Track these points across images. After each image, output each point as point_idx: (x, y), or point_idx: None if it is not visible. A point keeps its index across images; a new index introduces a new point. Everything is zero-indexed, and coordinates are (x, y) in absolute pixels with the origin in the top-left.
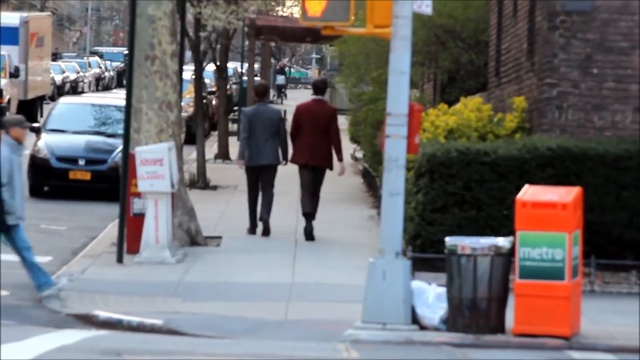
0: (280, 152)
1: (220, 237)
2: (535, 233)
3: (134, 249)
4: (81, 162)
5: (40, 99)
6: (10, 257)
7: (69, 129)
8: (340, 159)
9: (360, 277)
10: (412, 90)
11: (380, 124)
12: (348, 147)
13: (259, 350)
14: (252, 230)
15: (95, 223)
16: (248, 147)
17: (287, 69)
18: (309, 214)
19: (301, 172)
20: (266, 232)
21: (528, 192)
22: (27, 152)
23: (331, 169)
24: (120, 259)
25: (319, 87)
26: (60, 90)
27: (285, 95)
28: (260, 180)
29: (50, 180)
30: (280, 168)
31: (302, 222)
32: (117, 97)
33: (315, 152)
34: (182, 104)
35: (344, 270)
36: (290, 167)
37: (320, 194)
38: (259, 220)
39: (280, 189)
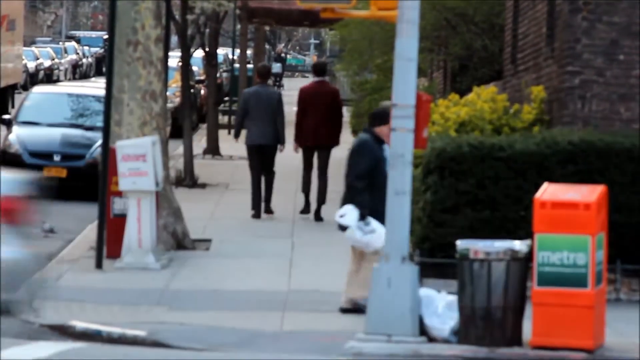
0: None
1: (209, 240)
2: (556, 236)
3: (115, 253)
4: (56, 158)
5: (12, 88)
6: None
7: (43, 121)
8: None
9: None
10: (420, 78)
11: None
12: (349, 141)
13: None
14: (256, 214)
15: (71, 225)
16: (247, 128)
17: (283, 55)
18: (309, 194)
19: (305, 154)
20: (268, 211)
21: (547, 191)
22: None
23: (337, 144)
24: (99, 264)
25: (320, 69)
26: (33, 79)
27: (282, 85)
28: (261, 163)
29: None
30: (280, 161)
31: (300, 224)
32: (96, 86)
33: (320, 132)
34: (168, 94)
35: (345, 276)
36: (289, 162)
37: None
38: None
39: (276, 187)
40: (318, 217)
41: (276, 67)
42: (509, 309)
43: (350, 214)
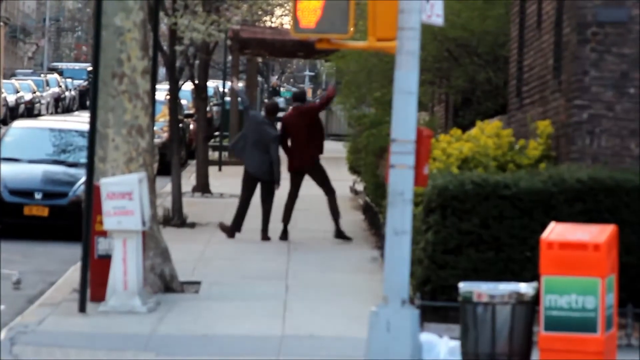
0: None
1: (199, 283)
2: (563, 278)
3: (99, 296)
4: (38, 196)
5: None
6: None
7: (24, 157)
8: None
9: (360, 328)
10: (420, 112)
11: (383, 151)
12: (347, 178)
13: None
14: (232, 232)
15: (54, 266)
16: (244, 152)
17: (277, 88)
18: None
19: (292, 179)
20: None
21: (555, 231)
22: None
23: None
24: (82, 308)
25: (299, 97)
26: (13, 113)
27: None
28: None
29: (2, 216)
30: (276, 193)
31: (294, 264)
32: (80, 120)
33: (305, 156)
34: (155, 128)
35: (342, 320)
36: (284, 198)
37: (315, 231)
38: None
39: (270, 227)
40: (339, 235)
41: (280, 103)
42: (515, 355)
43: None
